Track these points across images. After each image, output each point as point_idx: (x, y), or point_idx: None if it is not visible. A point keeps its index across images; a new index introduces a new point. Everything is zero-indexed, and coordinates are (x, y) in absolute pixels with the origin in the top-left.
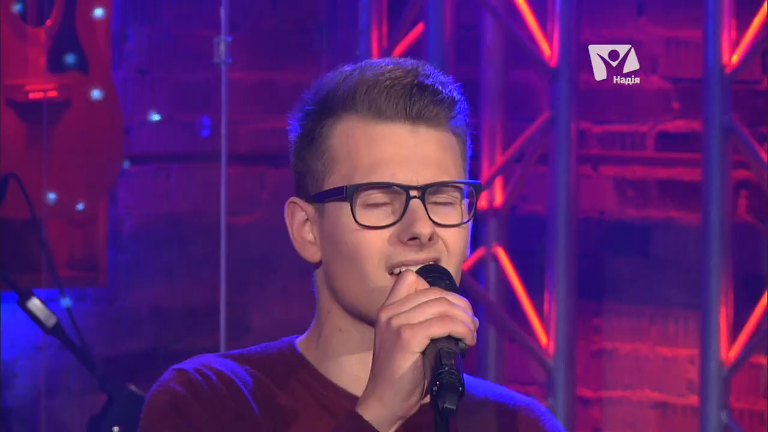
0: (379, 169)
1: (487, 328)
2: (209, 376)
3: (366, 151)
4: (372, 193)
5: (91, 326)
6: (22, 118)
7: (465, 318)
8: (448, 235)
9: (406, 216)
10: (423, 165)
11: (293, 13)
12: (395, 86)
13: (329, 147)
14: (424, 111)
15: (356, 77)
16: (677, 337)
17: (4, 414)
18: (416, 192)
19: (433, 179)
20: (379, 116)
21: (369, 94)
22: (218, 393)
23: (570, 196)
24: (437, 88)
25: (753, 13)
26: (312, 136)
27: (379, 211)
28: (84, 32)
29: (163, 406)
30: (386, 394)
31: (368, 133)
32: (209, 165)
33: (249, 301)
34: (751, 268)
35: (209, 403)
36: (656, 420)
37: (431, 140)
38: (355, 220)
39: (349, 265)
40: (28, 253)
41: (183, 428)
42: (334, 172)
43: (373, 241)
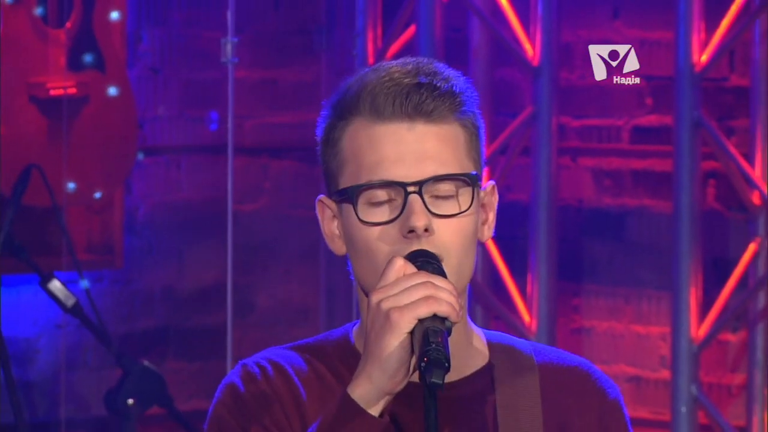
0: (379, 167)
1: (475, 307)
2: (266, 368)
3: (368, 152)
4: (374, 192)
5: (107, 306)
6: (43, 113)
7: (450, 299)
8: (447, 225)
9: (405, 211)
10: (420, 160)
11: (294, 16)
12: (394, 87)
13: (340, 149)
14: (421, 107)
15: (362, 81)
16: (650, 316)
17: (27, 387)
18: (413, 187)
19: (431, 174)
20: (379, 117)
21: (370, 96)
22: (271, 382)
23: (551, 186)
24: (435, 84)
25: (721, 15)
26: (328, 139)
27: (382, 208)
28: (101, 34)
29: (227, 401)
30: (374, 372)
31: (370, 133)
32: (217, 157)
33: (254, 282)
34: (718, 252)
35: (263, 393)
36: (631, 393)
37: (429, 135)
38: (358, 219)
39: (363, 259)
40: (49, 238)
41: (242, 420)
42: (345, 173)
43: (378, 238)
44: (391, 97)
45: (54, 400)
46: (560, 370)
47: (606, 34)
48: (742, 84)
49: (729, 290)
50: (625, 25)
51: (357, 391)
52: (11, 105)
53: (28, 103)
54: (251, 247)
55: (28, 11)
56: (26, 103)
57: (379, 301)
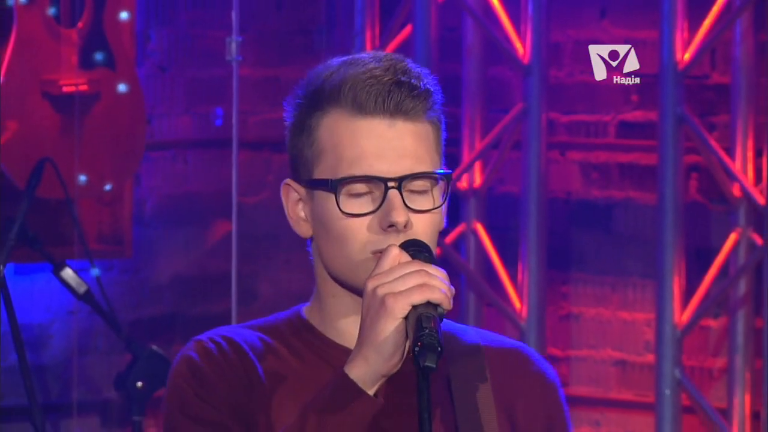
0: (361, 161)
1: (468, 294)
2: (220, 343)
3: (349, 144)
4: (354, 185)
5: (117, 293)
6: (56, 109)
7: (442, 286)
8: (422, 219)
9: (384, 205)
10: (400, 157)
11: (296, 17)
12: (375, 84)
13: (317, 138)
14: (401, 106)
15: (341, 74)
16: (635, 303)
17: (40, 371)
18: (393, 183)
19: (409, 170)
20: (360, 111)
21: (352, 91)
22: (227, 357)
23: (540, 179)
24: (413, 84)
25: (703, 16)
26: (302, 126)
27: (361, 200)
28: (111, 33)
29: (183, 372)
30: (371, 355)
31: (351, 127)
32: (222, 151)
33: (257, 271)
34: (700, 242)
35: (219, 366)
36: (617, 376)
37: (407, 133)
38: (339, 210)
39: (336, 246)
40: (62, 228)
41: (200, 390)
42: (322, 162)
43: (357, 228)
44: (373, 93)
45: (66, 383)
46: (503, 353)
47: (593, 34)
48: (723, 81)
49: (710, 278)
50: (612, 24)
51: (354, 372)
52: (25, 101)
53: (42, 100)
54: (254, 238)
55: (41, 11)
56: (40, 100)
57: (375, 288)
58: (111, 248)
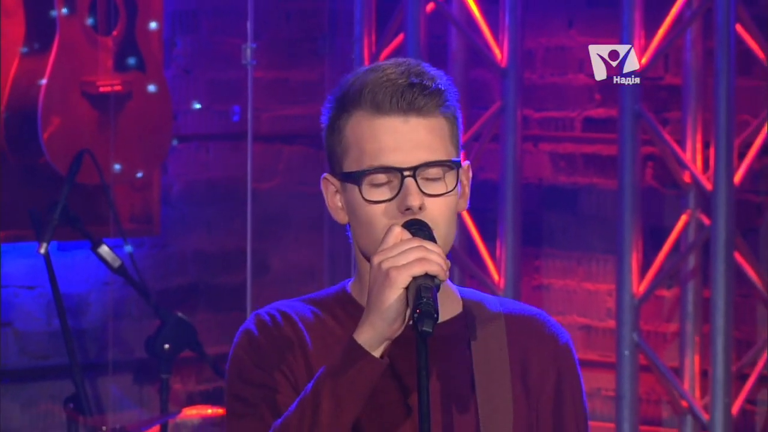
0: (380, 155)
1: (453, 268)
2: (275, 316)
3: (370, 140)
4: (375, 175)
5: (147, 267)
6: (94, 106)
7: (439, 260)
8: (436, 203)
9: (401, 192)
10: (414, 149)
11: (303, 26)
12: (391, 86)
13: (344, 136)
14: (414, 104)
15: (363, 80)
16: (598, 275)
17: (80, 334)
18: (408, 172)
19: (423, 160)
20: (379, 111)
21: (371, 94)
22: (281, 329)
23: (516, 167)
24: (425, 84)
25: (657, 25)
26: (333, 127)
27: (381, 189)
28: (142, 40)
29: (243, 343)
30: (376, 321)
31: (371, 125)
32: (238, 143)
33: (269, 248)
34: (655, 223)
35: (272, 337)
36: (582, 339)
37: (421, 127)
38: (363, 198)
39: (364, 230)
40: (99, 210)
41: (255, 357)
42: (348, 156)
43: (379, 213)
44: (388, 95)
45: (103, 345)
46: (521, 319)
47: (562, 41)
48: (675, 82)
49: (664, 254)
50: (578, 33)
51: (362, 337)
52: (67, 100)
53: (81, 98)
54: (267, 218)
55: (81, 21)
56: (79, 98)
57: (380, 262)
58: (142, 227)
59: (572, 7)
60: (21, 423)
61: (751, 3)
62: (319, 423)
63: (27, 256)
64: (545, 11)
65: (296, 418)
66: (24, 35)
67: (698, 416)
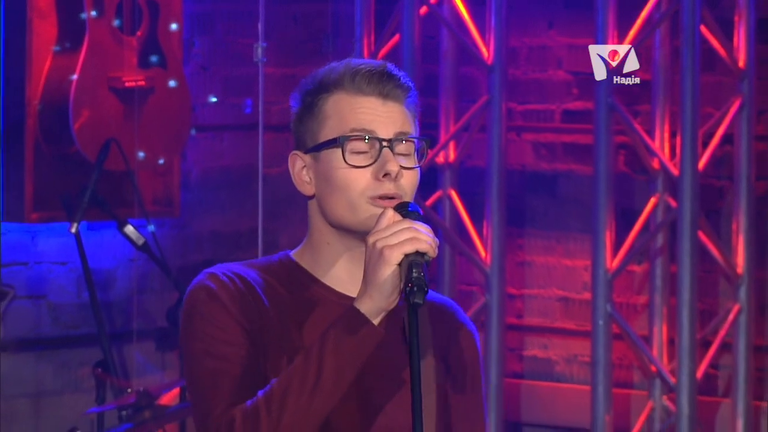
0: (361, 125)
1: (444, 246)
2: (233, 277)
3: (351, 116)
4: (357, 143)
5: (168, 245)
6: (120, 100)
7: (428, 239)
8: (406, 175)
9: (380, 159)
10: (391, 125)
11: (308, 27)
12: (372, 73)
13: (323, 111)
14: (392, 90)
15: (345, 66)
16: (575, 252)
17: (107, 306)
18: (386, 142)
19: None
20: (360, 92)
21: (353, 77)
22: (240, 290)
23: (501, 155)
24: (399, 77)
25: (629, 26)
26: (311, 105)
27: (360, 156)
28: (163, 40)
29: (202, 297)
30: (374, 294)
31: (352, 103)
32: (250, 133)
33: (278, 227)
34: (627, 204)
35: (233, 295)
36: (561, 310)
37: (396, 110)
38: (345, 161)
39: (339, 194)
40: (125, 193)
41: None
42: (327, 127)
43: (358, 177)
44: (368, 78)
45: (128, 316)
46: (438, 307)
47: (543, 41)
48: (646, 78)
49: (635, 233)
50: (558, 34)
51: (363, 308)
52: (96, 94)
53: (109, 93)
54: (276, 201)
55: (108, 23)
56: (107, 93)
57: (375, 242)
58: (163, 209)
59: (552, 10)
60: (54, 386)
61: (714, 6)
62: (321, 386)
63: (59, 235)
64: (528, 13)
65: (298, 378)
66: (56, 35)
67: (666, 380)
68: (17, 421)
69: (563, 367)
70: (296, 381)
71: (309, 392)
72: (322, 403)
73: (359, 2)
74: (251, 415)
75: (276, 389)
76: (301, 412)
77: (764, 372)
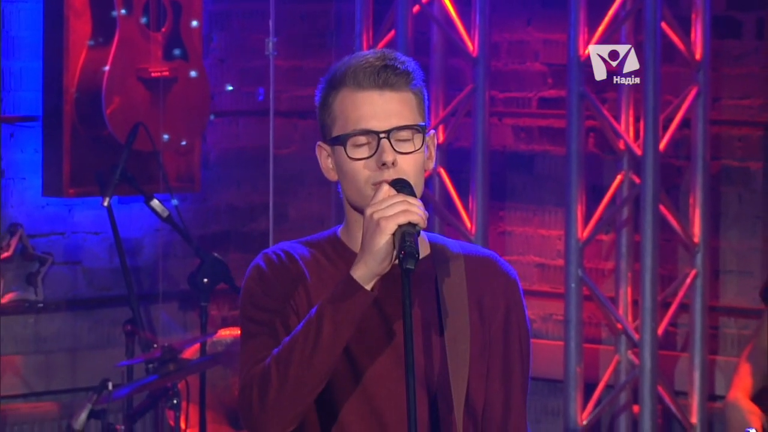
0: (360, 121)
1: (434, 218)
2: (280, 254)
3: (352, 111)
4: (357, 138)
5: (190, 216)
6: (147, 88)
7: (419, 211)
8: (406, 159)
9: (378, 150)
10: (388, 116)
11: (314, 24)
12: (369, 67)
13: (333, 108)
14: (387, 80)
15: (347, 64)
16: (551, 223)
17: (136, 270)
18: (383, 134)
19: (395, 125)
20: (359, 87)
21: (353, 74)
22: (285, 265)
23: (484, 137)
24: (396, 66)
25: (598, 23)
26: (325, 102)
27: (362, 148)
28: (185, 35)
29: (254, 275)
30: (369, 260)
31: (353, 99)
32: (263, 118)
33: (287, 201)
34: (596, 181)
35: (278, 271)
36: (538, 275)
37: (394, 100)
38: (347, 156)
39: (350, 182)
40: (151, 171)
41: (264, 287)
42: (336, 125)
43: (360, 168)
44: (367, 74)
45: (154, 279)
46: (477, 259)
47: (522, 36)
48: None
49: (603, 206)
50: (535, 30)
51: (357, 273)
52: (125, 83)
53: (137, 82)
54: (286, 177)
55: (136, 20)
56: (135, 82)
57: (371, 213)
58: (185, 185)
59: (530, 8)
60: (89, 341)
61: (674, 5)
62: (320, 342)
63: (93, 208)
64: (508, 11)
65: (302, 337)
66: (91, 31)
67: (630, 336)
68: (57, 372)
69: (540, 325)
70: (300, 340)
71: (311, 349)
72: (322, 358)
73: (359, 2)
74: (266, 371)
75: (284, 348)
76: (304, 366)
77: (718, 330)
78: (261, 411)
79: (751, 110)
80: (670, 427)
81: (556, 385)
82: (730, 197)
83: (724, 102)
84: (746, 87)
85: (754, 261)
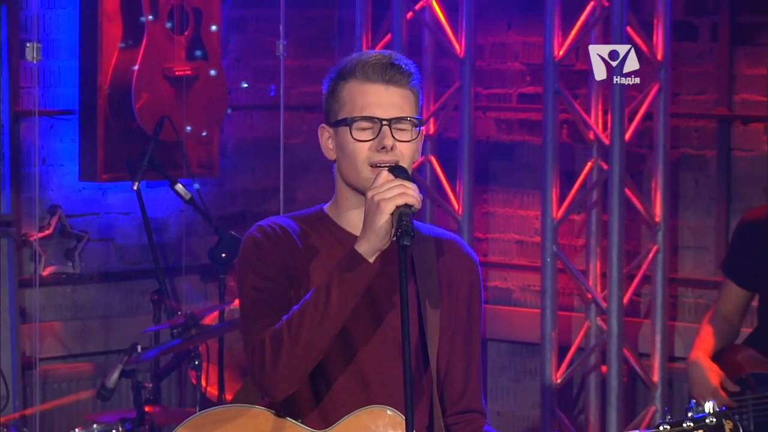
0: (366, 108)
1: (425, 200)
2: (274, 227)
3: (359, 99)
4: (362, 122)
5: (210, 199)
6: (172, 85)
7: (415, 194)
8: (403, 147)
9: (379, 136)
10: (391, 107)
11: (320, 28)
12: (377, 64)
13: (341, 95)
14: (393, 77)
15: (357, 59)
16: (529, 205)
17: (161, 247)
18: (386, 122)
19: (396, 115)
20: (368, 80)
21: (363, 68)
22: (279, 237)
23: (471, 128)
24: (401, 65)
25: (571, 27)
26: (333, 90)
27: (365, 132)
28: (206, 38)
29: (250, 245)
30: (371, 237)
31: (361, 89)
32: (274, 112)
33: (296, 186)
34: (569, 168)
35: (273, 241)
36: (517, 250)
37: (396, 94)
38: (352, 137)
39: (349, 161)
40: (176, 159)
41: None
42: (343, 110)
43: (362, 149)
44: (376, 69)
45: (178, 254)
46: (445, 241)
47: (503, 39)
48: (584, 68)
49: (575, 190)
50: (515, 33)
51: (361, 249)
52: (152, 81)
53: (163, 80)
54: (295, 165)
55: (162, 24)
56: (161, 80)
57: (373, 196)
58: (206, 171)
59: (511, 14)
60: (120, 309)
61: (638, 11)
62: (329, 309)
63: (124, 191)
64: (491, 17)
65: (312, 305)
66: (122, 35)
67: (599, 304)
68: (92, 337)
69: (519, 295)
70: (310, 307)
71: (320, 315)
72: (330, 324)
73: (359, 9)
74: (277, 334)
75: (295, 314)
76: (314, 330)
77: (677, 299)
78: (273, 371)
79: (707, 104)
80: (634, 385)
81: (534, 347)
82: (688, 181)
83: (683, 97)
84: (702, 84)
85: (708, 238)
